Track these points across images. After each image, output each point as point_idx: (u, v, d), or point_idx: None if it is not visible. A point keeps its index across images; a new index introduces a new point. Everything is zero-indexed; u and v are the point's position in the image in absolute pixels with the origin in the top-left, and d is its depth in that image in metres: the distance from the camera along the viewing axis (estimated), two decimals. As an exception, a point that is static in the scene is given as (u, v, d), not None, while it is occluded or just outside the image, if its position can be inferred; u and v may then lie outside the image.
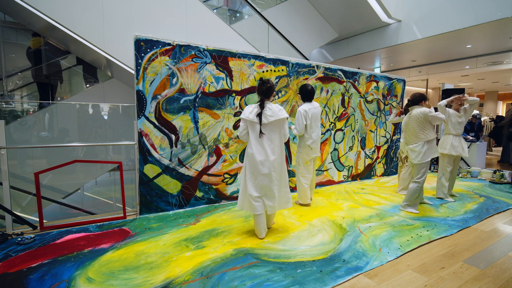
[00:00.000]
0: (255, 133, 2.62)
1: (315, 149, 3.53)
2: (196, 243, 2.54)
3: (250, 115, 2.61)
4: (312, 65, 4.35)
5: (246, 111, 2.64)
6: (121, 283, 1.94)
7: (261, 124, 2.59)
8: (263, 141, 2.61)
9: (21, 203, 4.57)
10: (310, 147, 3.50)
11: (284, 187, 2.76)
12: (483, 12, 5.80)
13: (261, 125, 2.60)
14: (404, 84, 5.77)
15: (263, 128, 2.60)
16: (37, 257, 2.25)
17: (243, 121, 2.66)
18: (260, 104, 2.62)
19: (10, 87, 5.59)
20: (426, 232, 2.85)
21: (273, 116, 2.59)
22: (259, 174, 2.60)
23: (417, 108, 3.46)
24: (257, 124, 2.61)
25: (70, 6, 3.82)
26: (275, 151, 2.63)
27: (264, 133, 2.61)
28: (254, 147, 2.61)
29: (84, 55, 5.39)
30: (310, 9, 7.35)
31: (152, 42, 3.08)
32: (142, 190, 3.16)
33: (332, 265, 2.20)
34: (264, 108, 2.60)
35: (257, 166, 2.60)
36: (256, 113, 2.60)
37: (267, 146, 2.61)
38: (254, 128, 2.63)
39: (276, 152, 2.64)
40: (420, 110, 3.40)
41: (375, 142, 5.40)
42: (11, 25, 5.67)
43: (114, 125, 5.43)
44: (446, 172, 4.07)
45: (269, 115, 2.59)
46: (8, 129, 4.59)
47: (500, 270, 2.20)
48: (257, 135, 2.61)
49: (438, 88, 14.64)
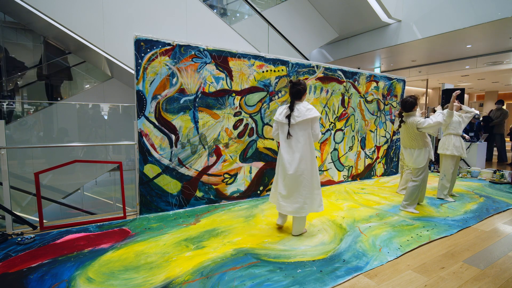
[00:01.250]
0: (284, 133, 2.68)
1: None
2: (196, 243, 2.54)
3: (280, 116, 2.71)
4: (312, 65, 4.35)
5: (277, 112, 2.75)
6: (121, 283, 1.94)
7: (290, 125, 2.63)
8: (291, 142, 2.66)
9: (21, 203, 4.57)
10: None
11: (316, 189, 2.69)
12: (483, 12, 5.80)
13: (289, 126, 2.63)
14: (404, 84, 5.77)
15: (291, 129, 2.64)
16: (37, 257, 2.25)
17: (274, 122, 2.78)
18: (290, 105, 2.66)
19: (10, 87, 5.59)
20: (426, 232, 2.85)
21: (300, 117, 2.60)
22: (287, 173, 2.63)
23: (412, 117, 3.37)
24: (286, 124, 2.66)
25: (70, 6, 3.82)
26: (302, 152, 2.62)
27: (292, 134, 2.64)
28: (282, 147, 2.70)
29: (84, 55, 5.39)
30: (310, 9, 7.35)
31: (152, 42, 3.08)
32: (142, 190, 3.16)
33: (332, 265, 2.20)
34: (293, 110, 2.63)
35: (286, 165, 2.64)
36: (286, 114, 2.66)
37: (294, 147, 2.64)
38: (283, 128, 2.70)
39: (303, 153, 2.62)
40: (414, 120, 3.32)
41: (375, 142, 5.40)
42: (11, 25, 5.67)
43: (114, 125, 5.43)
44: (449, 173, 4.05)
45: (296, 116, 2.61)
46: (8, 129, 4.59)
47: (500, 270, 2.20)
48: (285, 136, 2.67)
49: (438, 88, 14.64)
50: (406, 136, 3.44)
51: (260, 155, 3.92)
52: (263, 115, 3.90)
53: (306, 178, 2.62)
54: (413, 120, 3.35)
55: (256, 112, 3.84)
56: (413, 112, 3.43)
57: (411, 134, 3.38)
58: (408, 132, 3.40)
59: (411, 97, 3.40)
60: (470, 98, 17.54)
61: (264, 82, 3.86)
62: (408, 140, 3.44)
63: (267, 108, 3.92)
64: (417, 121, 3.30)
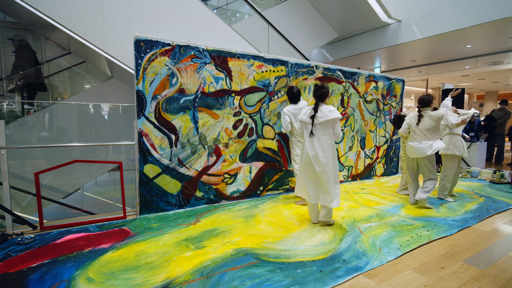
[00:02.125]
0: (308, 132, 2.94)
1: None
2: (196, 243, 2.54)
3: (304, 116, 2.96)
4: (311, 65, 4.35)
5: (302, 112, 3.01)
6: (121, 283, 1.94)
7: (313, 124, 2.88)
8: (314, 140, 2.90)
9: (21, 203, 4.57)
10: (301, 142, 3.58)
11: (336, 184, 2.89)
12: (483, 12, 5.80)
13: (313, 125, 2.88)
14: (403, 84, 5.78)
15: (314, 129, 2.89)
16: (37, 257, 2.25)
17: (299, 121, 3.06)
18: (314, 106, 2.91)
19: (10, 87, 5.59)
20: (426, 232, 2.85)
21: (323, 117, 2.85)
22: (310, 168, 2.91)
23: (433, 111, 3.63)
24: (309, 124, 2.91)
25: (70, 6, 3.82)
26: (324, 149, 2.86)
27: (314, 133, 2.88)
28: (306, 144, 2.95)
29: (84, 55, 5.39)
30: (310, 9, 7.35)
31: (152, 42, 3.08)
32: (142, 190, 3.16)
33: (332, 265, 2.21)
34: (317, 111, 2.86)
35: (310, 161, 2.89)
36: (310, 115, 2.91)
37: (316, 144, 2.88)
38: (307, 127, 2.96)
39: (325, 150, 2.86)
40: (439, 112, 3.59)
41: (374, 142, 5.40)
42: (11, 25, 5.67)
43: (114, 125, 5.43)
44: (450, 173, 4.04)
45: (319, 117, 2.86)
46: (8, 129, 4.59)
47: (500, 270, 2.20)
48: (308, 134, 2.93)
49: (438, 88, 14.64)
50: (426, 130, 3.58)
51: (260, 155, 3.92)
52: (263, 115, 3.90)
53: (328, 173, 2.85)
54: (437, 113, 3.56)
55: (256, 112, 3.84)
56: (429, 108, 3.65)
57: (431, 126, 3.56)
58: (429, 124, 3.57)
59: (428, 95, 3.69)
60: (470, 98, 17.53)
61: (264, 82, 3.87)
62: (429, 133, 3.57)
63: (267, 108, 3.92)
64: (441, 113, 3.57)
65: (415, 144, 3.60)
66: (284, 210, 3.44)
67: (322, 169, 2.84)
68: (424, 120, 3.59)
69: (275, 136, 4.03)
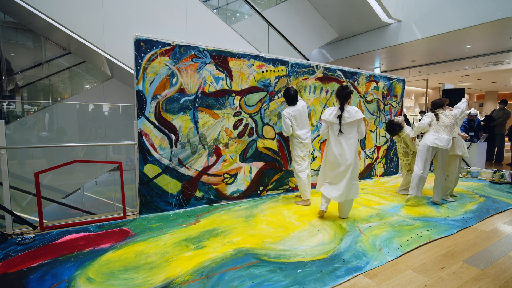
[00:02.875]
0: (334, 131, 3.08)
1: (306, 145, 3.65)
2: (196, 243, 2.54)
3: (330, 116, 3.08)
4: (312, 65, 4.35)
5: (327, 113, 3.12)
6: (121, 283, 1.94)
7: (341, 124, 3.02)
8: (341, 139, 3.05)
9: (21, 203, 4.57)
10: (303, 143, 3.62)
11: (354, 179, 3.09)
12: (483, 12, 5.80)
13: (340, 125, 3.02)
14: (403, 84, 5.77)
15: (341, 128, 3.03)
16: (37, 257, 2.25)
17: (324, 121, 3.16)
18: (340, 107, 3.04)
19: (10, 87, 5.59)
20: (426, 232, 2.85)
21: (350, 118, 3.00)
22: (335, 166, 3.07)
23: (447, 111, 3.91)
24: (336, 124, 3.05)
25: (70, 6, 3.82)
26: (350, 147, 3.04)
27: (343, 132, 3.03)
28: (333, 143, 3.10)
29: (84, 55, 5.39)
30: (310, 9, 7.35)
31: (152, 42, 3.08)
32: (142, 190, 3.16)
33: (332, 265, 2.21)
34: (343, 111, 3.00)
35: (335, 159, 3.06)
36: (336, 115, 3.03)
37: (344, 143, 3.04)
38: (333, 127, 3.09)
39: (351, 148, 3.04)
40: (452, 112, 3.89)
41: (375, 142, 5.40)
42: (11, 25, 5.68)
43: (114, 125, 5.43)
44: (452, 173, 4.06)
45: (346, 117, 3.01)
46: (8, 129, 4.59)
47: (500, 270, 2.20)
48: (335, 133, 3.07)
49: (438, 88, 14.64)
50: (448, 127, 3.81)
51: (260, 155, 3.92)
52: (263, 115, 3.90)
53: (352, 168, 3.04)
54: (450, 113, 3.85)
55: (256, 112, 3.84)
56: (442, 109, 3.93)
57: (452, 123, 3.81)
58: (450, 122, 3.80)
59: (439, 99, 3.99)
60: (470, 98, 17.54)
61: (264, 82, 3.87)
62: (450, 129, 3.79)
63: (267, 108, 3.92)
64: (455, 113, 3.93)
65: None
66: (284, 210, 3.44)
67: (348, 166, 3.02)
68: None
69: (275, 136, 4.03)
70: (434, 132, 3.78)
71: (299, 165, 3.67)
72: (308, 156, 3.76)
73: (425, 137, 3.82)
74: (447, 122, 3.76)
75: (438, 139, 3.70)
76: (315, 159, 4.56)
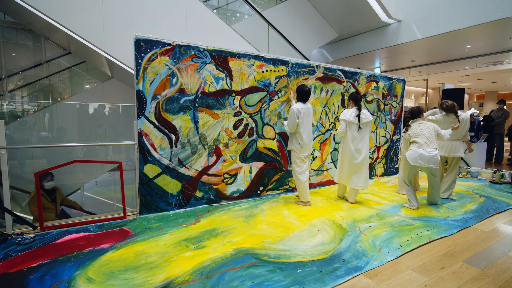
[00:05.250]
0: (352, 130, 3.63)
1: (306, 147, 3.60)
2: (196, 243, 2.54)
3: (351, 117, 3.60)
4: (312, 65, 4.35)
5: (347, 114, 3.64)
6: (121, 283, 1.94)
7: (360, 123, 3.59)
8: (357, 135, 3.63)
9: (21, 203, 4.57)
10: (301, 146, 3.57)
11: (365, 168, 3.67)
12: (483, 12, 5.80)
13: (360, 123, 3.60)
14: (404, 84, 5.77)
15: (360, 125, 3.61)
16: (37, 257, 2.25)
17: (343, 121, 3.66)
18: (358, 108, 3.62)
19: (10, 87, 5.59)
20: (426, 232, 2.85)
21: (366, 118, 3.63)
22: (353, 159, 3.64)
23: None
24: (355, 124, 3.60)
25: (70, 6, 3.82)
26: (365, 144, 3.65)
27: (361, 128, 3.62)
28: (350, 140, 3.64)
29: (84, 55, 5.39)
30: (310, 9, 7.36)
31: (152, 42, 3.08)
32: (142, 190, 3.16)
33: (332, 265, 2.21)
34: (360, 112, 3.60)
35: (353, 154, 3.63)
36: (355, 115, 3.58)
37: (360, 140, 3.63)
38: (352, 126, 3.63)
39: (366, 144, 3.65)
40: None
41: (375, 142, 5.40)
42: (11, 25, 5.68)
43: (114, 125, 5.43)
44: (455, 174, 4.14)
45: (363, 118, 3.61)
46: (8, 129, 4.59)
47: (500, 270, 2.21)
48: (353, 132, 3.62)
49: (438, 88, 14.65)
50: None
51: (260, 155, 3.92)
52: (263, 115, 3.90)
53: (365, 163, 3.64)
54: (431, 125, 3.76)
55: (256, 112, 3.84)
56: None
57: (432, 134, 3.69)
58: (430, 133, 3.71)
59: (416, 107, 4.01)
60: (470, 98, 17.53)
61: (264, 82, 3.87)
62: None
63: (267, 108, 3.92)
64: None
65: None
66: (284, 210, 3.44)
67: (363, 159, 3.60)
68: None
69: (275, 136, 4.03)
70: (417, 148, 3.44)
71: (299, 166, 3.65)
72: (308, 157, 3.76)
73: (408, 153, 3.51)
74: (427, 134, 3.50)
75: (420, 157, 3.40)
76: (315, 159, 4.56)
